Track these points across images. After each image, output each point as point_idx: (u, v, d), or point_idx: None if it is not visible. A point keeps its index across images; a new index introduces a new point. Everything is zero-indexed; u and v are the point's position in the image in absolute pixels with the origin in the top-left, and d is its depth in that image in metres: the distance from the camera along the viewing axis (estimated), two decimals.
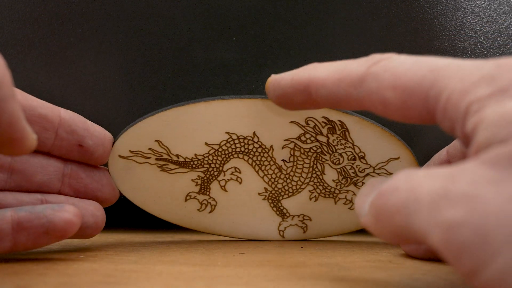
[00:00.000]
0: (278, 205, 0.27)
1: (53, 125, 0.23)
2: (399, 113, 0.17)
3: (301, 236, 0.28)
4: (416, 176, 0.13)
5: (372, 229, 0.15)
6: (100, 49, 0.30)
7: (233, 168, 0.26)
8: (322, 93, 0.19)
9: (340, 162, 0.26)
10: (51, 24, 0.31)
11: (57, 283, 0.17)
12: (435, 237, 0.12)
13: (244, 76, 0.30)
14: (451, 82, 0.15)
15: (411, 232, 0.13)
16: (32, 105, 0.22)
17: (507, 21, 0.30)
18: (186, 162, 0.26)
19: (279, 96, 0.22)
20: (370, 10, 0.30)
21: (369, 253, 0.24)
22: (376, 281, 0.18)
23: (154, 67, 0.30)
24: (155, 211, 0.27)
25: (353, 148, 0.25)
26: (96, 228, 0.23)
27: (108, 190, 0.25)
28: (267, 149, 0.26)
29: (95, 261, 0.21)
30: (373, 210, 0.15)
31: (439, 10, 0.30)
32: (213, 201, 0.27)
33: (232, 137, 0.25)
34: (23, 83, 0.30)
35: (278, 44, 0.30)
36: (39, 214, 0.20)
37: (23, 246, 0.21)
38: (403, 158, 0.25)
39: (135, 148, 0.25)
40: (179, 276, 0.18)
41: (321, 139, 0.25)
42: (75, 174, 0.24)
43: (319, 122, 0.25)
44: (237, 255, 0.23)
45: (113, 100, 0.30)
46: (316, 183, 0.26)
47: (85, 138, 0.24)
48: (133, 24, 0.30)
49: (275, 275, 0.18)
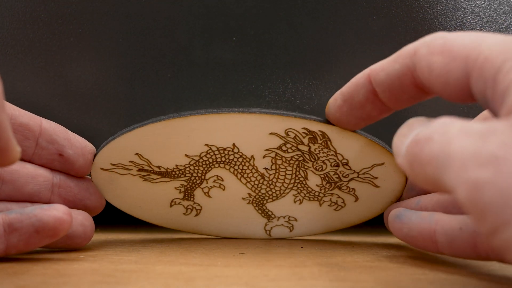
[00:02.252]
0: (262, 208, 0.27)
1: (34, 134, 0.23)
2: (440, 79, 0.17)
3: (287, 235, 0.28)
4: (452, 129, 0.14)
5: (407, 173, 0.16)
6: (100, 49, 0.30)
7: (215, 177, 0.26)
8: (381, 77, 0.20)
9: (323, 169, 0.25)
10: (51, 24, 0.31)
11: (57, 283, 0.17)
12: (461, 193, 0.13)
13: (244, 76, 0.30)
14: (491, 44, 0.16)
15: (441, 184, 0.14)
16: (14, 114, 0.23)
17: (507, 21, 0.30)
18: (168, 172, 0.25)
19: (343, 100, 0.22)
20: (370, 10, 0.30)
21: (369, 253, 0.24)
22: (376, 281, 0.18)
23: (154, 67, 0.30)
24: (142, 216, 0.27)
25: (336, 155, 0.25)
26: (85, 238, 0.24)
27: (96, 198, 0.25)
28: (248, 158, 0.25)
29: (95, 261, 0.21)
30: (408, 156, 0.15)
31: (439, 10, 0.30)
32: (198, 206, 0.27)
33: (212, 149, 0.25)
34: (23, 83, 0.30)
35: (278, 44, 0.30)
36: (29, 214, 0.20)
37: (16, 248, 0.21)
38: (388, 163, 0.25)
39: (116, 161, 0.25)
40: (179, 276, 0.18)
41: (303, 148, 0.25)
42: (64, 184, 0.25)
43: (300, 133, 0.24)
44: (237, 255, 0.23)
45: (113, 100, 0.30)
46: (300, 188, 0.26)
47: (65, 148, 0.24)
48: (133, 24, 0.30)
49: (275, 275, 0.18)
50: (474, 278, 0.19)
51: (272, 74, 0.30)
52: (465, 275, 0.19)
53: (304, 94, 0.30)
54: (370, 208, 0.27)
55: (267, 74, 0.30)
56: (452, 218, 0.20)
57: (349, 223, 0.27)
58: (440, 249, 0.21)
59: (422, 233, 0.21)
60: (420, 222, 0.21)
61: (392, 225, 0.22)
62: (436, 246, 0.21)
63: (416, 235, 0.21)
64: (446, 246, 0.20)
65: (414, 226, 0.21)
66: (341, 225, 0.27)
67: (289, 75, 0.30)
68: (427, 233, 0.21)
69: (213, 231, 0.28)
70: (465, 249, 0.20)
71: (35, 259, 0.21)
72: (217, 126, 0.24)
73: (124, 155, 0.25)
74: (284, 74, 0.30)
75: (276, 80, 0.30)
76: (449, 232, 0.20)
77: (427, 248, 0.21)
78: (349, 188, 0.26)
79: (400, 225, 0.22)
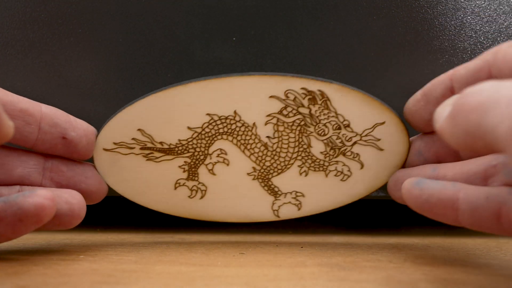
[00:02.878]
0: (268, 183, 0.26)
1: (35, 119, 0.23)
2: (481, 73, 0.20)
3: (296, 214, 0.27)
4: (502, 84, 0.15)
5: (445, 131, 0.17)
6: (100, 49, 0.30)
7: (219, 150, 0.26)
8: (460, 72, 0.22)
9: (326, 133, 0.25)
10: (51, 24, 0.31)
11: (57, 283, 0.17)
12: (503, 127, 0.14)
13: None
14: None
15: (481, 130, 0.15)
16: (13, 100, 0.23)
17: (507, 21, 0.30)
18: (171, 148, 0.25)
19: (422, 95, 0.24)
20: (370, 10, 0.30)
21: (369, 253, 0.24)
22: (376, 281, 0.18)
23: (154, 67, 0.30)
24: (146, 202, 0.26)
25: (337, 117, 0.25)
26: (73, 216, 0.23)
27: (93, 182, 0.25)
28: (250, 127, 0.25)
29: (95, 261, 0.21)
30: (453, 109, 0.16)
31: (439, 10, 0.30)
32: (203, 186, 0.26)
33: (214, 118, 0.25)
34: (23, 83, 0.30)
35: (278, 44, 0.30)
36: (11, 202, 0.20)
37: (4, 237, 0.20)
38: (389, 122, 0.25)
39: (118, 139, 0.25)
40: (179, 276, 0.18)
41: (303, 111, 0.25)
42: (56, 168, 0.24)
43: (299, 94, 0.25)
44: (237, 255, 0.23)
45: (113, 100, 0.30)
46: (304, 157, 0.26)
47: (68, 130, 0.24)
48: (133, 24, 0.30)
49: (275, 275, 0.18)
50: (474, 278, 0.19)
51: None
52: (465, 275, 0.19)
53: None
54: (376, 175, 0.26)
55: None
56: (477, 187, 0.20)
57: (358, 195, 0.27)
58: (459, 218, 0.20)
59: (443, 200, 0.20)
60: (442, 188, 0.21)
61: (410, 191, 0.22)
62: (455, 215, 0.20)
63: (435, 202, 0.21)
64: (468, 215, 0.20)
65: (435, 193, 0.21)
66: (349, 198, 0.27)
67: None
68: (448, 200, 0.20)
69: (219, 215, 0.27)
70: (487, 219, 0.19)
71: (35, 259, 0.21)
72: (218, 92, 0.24)
73: (127, 131, 0.25)
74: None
75: None
76: (473, 200, 0.20)
77: (445, 217, 0.21)
78: (353, 153, 0.26)
79: (419, 192, 0.21)
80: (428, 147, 0.25)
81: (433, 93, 0.23)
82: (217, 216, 0.27)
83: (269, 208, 0.27)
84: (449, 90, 0.23)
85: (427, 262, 0.22)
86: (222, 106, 0.25)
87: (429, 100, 0.24)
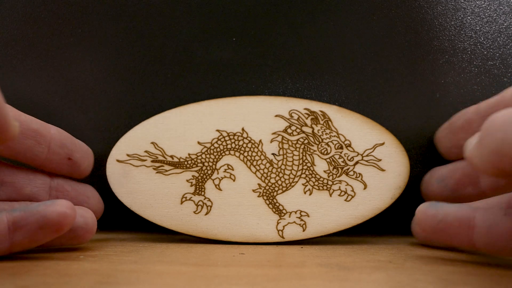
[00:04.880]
0: (273, 201, 0.27)
1: (46, 140, 0.24)
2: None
3: (300, 235, 0.27)
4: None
5: (474, 155, 0.17)
6: (100, 49, 0.30)
7: (226, 166, 0.27)
8: (482, 106, 0.24)
9: (328, 152, 0.27)
10: (51, 24, 0.31)
11: (57, 283, 0.17)
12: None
13: (244, 76, 0.30)
14: None
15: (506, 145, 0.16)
16: (26, 121, 0.24)
17: (507, 21, 0.30)
18: (181, 162, 0.27)
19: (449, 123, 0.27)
20: (370, 10, 0.30)
21: (369, 253, 0.24)
22: (376, 281, 0.18)
23: (154, 67, 0.30)
24: (152, 216, 0.27)
25: (338, 136, 0.26)
26: (87, 230, 0.23)
27: (94, 202, 0.26)
28: (256, 143, 0.27)
29: (95, 261, 0.21)
30: (481, 134, 0.17)
31: (439, 10, 0.30)
32: (209, 201, 0.27)
33: (223, 134, 0.27)
34: (23, 83, 0.30)
35: (278, 44, 0.30)
36: (32, 211, 0.21)
37: (21, 245, 0.21)
38: (388, 143, 0.26)
39: (132, 151, 0.27)
40: (179, 276, 0.18)
41: (306, 130, 0.26)
42: (61, 187, 0.26)
43: (302, 114, 0.27)
44: (237, 255, 0.23)
45: (113, 100, 0.30)
46: (308, 175, 0.27)
47: (73, 152, 0.26)
48: (133, 24, 0.30)
49: (275, 275, 0.18)
50: (474, 278, 0.19)
51: (272, 74, 0.30)
52: (465, 275, 0.19)
53: (304, 94, 0.30)
54: (380, 196, 0.27)
55: (267, 74, 0.30)
56: (495, 207, 0.20)
57: (362, 217, 0.27)
58: (475, 237, 0.20)
59: (459, 219, 0.20)
60: (458, 208, 0.21)
61: (425, 212, 0.21)
62: (471, 234, 0.20)
63: (451, 221, 0.20)
64: (484, 233, 0.20)
65: (452, 212, 0.21)
66: (354, 220, 0.27)
67: (289, 75, 0.30)
68: (465, 219, 0.20)
69: (223, 233, 0.27)
70: (504, 236, 0.19)
71: (35, 259, 0.21)
72: (227, 110, 0.27)
73: (141, 144, 0.27)
74: (284, 74, 0.30)
75: (276, 80, 0.30)
76: (491, 217, 0.20)
77: (459, 237, 0.20)
78: (356, 173, 0.27)
79: (434, 211, 0.21)
80: (450, 174, 0.26)
81: (456, 122, 0.26)
82: (222, 234, 0.27)
83: (273, 227, 0.27)
84: (468, 122, 0.24)
85: (427, 262, 0.22)
86: (231, 123, 0.27)
87: (451, 130, 0.26)
